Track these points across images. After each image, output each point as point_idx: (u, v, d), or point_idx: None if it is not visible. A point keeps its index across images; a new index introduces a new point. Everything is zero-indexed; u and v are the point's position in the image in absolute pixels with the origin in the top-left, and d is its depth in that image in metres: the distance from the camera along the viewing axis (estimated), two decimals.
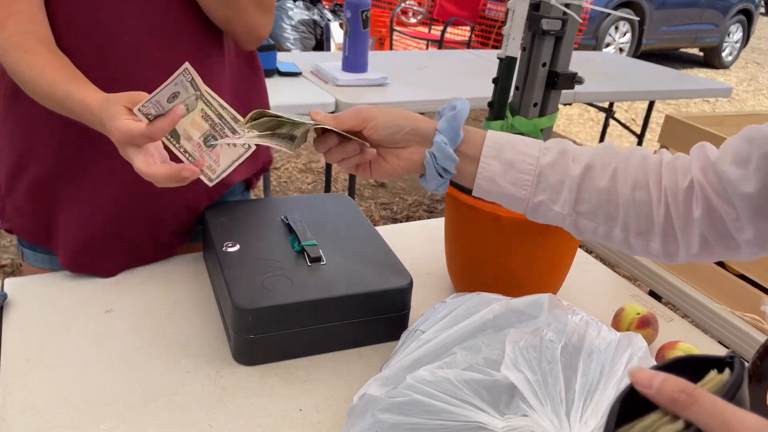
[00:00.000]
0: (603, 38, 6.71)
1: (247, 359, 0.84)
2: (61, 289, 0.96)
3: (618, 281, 1.16)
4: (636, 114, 5.64)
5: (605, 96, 2.84)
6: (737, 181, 0.60)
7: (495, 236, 0.92)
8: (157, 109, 0.70)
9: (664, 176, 0.66)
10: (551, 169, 0.69)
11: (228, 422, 0.74)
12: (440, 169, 0.71)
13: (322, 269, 0.89)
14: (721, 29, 7.84)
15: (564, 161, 0.69)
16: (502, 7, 5.42)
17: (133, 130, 0.69)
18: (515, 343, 0.65)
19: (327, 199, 1.11)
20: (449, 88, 2.49)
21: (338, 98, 2.16)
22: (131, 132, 0.69)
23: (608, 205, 0.68)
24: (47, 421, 0.72)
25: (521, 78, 1.08)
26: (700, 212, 0.63)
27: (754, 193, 0.59)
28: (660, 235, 0.67)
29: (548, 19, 1.00)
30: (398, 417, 0.63)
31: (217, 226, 0.98)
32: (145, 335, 0.88)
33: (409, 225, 1.30)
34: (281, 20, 5.63)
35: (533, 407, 0.61)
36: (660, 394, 0.35)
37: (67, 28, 0.85)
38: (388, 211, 3.39)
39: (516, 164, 0.70)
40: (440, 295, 1.04)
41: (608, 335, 0.69)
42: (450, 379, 0.63)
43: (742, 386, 0.36)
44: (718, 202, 0.62)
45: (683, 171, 0.66)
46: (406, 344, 0.76)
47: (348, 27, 2.32)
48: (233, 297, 0.81)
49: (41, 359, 0.82)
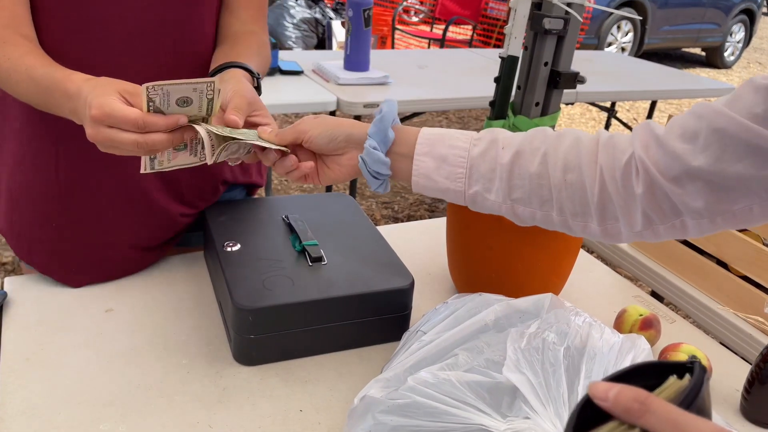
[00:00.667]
0: (605, 37, 6.70)
1: (247, 359, 0.83)
2: (61, 289, 0.96)
3: (620, 282, 1.15)
4: (638, 114, 5.63)
5: (607, 95, 2.83)
6: (685, 155, 0.59)
7: (497, 237, 0.92)
8: (162, 101, 0.67)
9: (601, 154, 0.65)
10: (481, 159, 0.70)
11: (228, 423, 0.74)
12: (373, 172, 0.73)
13: (323, 269, 0.89)
14: (723, 29, 7.83)
15: (493, 150, 0.69)
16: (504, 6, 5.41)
17: (128, 114, 0.66)
18: (517, 345, 0.65)
19: (328, 199, 1.10)
20: (451, 87, 2.49)
21: (340, 97, 2.16)
22: (126, 115, 0.66)
23: (540, 189, 0.68)
24: (46, 421, 0.72)
25: (523, 77, 1.07)
26: (642, 190, 0.63)
27: (703, 167, 0.58)
28: (597, 215, 0.66)
29: (550, 18, 0.99)
30: (399, 419, 0.63)
31: (218, 225, 0.98)
32: (145, 335, 0.87)
33: (411, 225, 1.29)
34: (283, 18, 5.63)
35: (535, 410, 0.60)
36: (615, 404, 0.36)
37: (51, 25, 0.84)
38: (389, 210, 3.39)
39: (448, 158, 0.71)
40: (442, 295, 1.04)
41: (611, 337, 0.69)
42: (451, 381, 0.63)
43: (701, 392, 0.36)
44: (660, 180, 0.61)
45: (621, 149, 0.65)
46: (408, 345, 0.76)
47: (350, 25, 2.31)
48: (234, 297, 0.81)
49: (40, 359, 0.81)
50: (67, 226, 0.94)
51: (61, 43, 0.84)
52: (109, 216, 0.96)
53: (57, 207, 0.93)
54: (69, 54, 0.83)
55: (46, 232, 0.94)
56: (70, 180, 0.92)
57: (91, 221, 0.95)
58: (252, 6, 0.98)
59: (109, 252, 0.98)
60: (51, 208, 0.93)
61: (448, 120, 4.86)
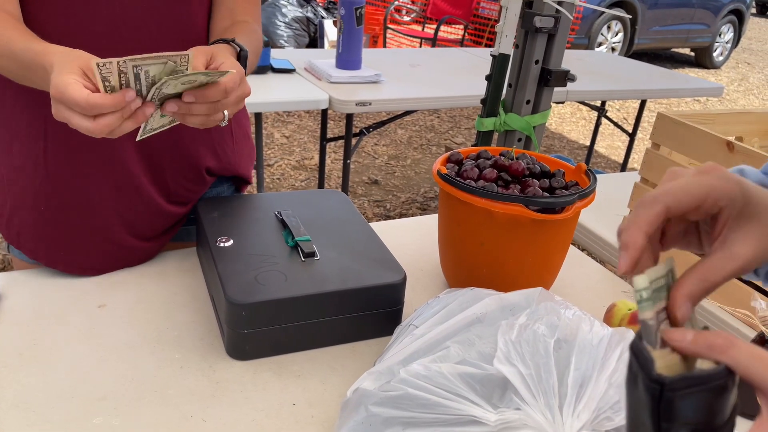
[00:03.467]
0: (595, 37, 6.74)
1: (240, 354, 0.84)
2: (54, 284, 0.96)
3: (609, 277, 1.16)
4: (628, 113, 5.66)
5: (597, 94, 2.85)
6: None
7: (488, 232, 0.93)
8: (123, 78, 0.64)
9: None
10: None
11: (221, 417, 0.74)
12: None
13: (315, 264, 0.89)
14: (712, 29, 7.89)
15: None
16: (495, 5, 5.43)
17: (74, 96, 0.63)
18: (508, 337, 0.66)
19: (321, 195, 1.11)
20: (442, 85, 2.50)
21: (332, 95, 2.16)
22: (72, 97, 0.64)
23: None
24: (39, 415, 0.72)
25: (514, 75, 1.08)
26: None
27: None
28: None
29: (541, 16, 1.00)
30: (391, 411, 0.63)
31: (211, 220, 0.98)
32: (138, 330, 0.88)
33: (403, 221, 1.30)
34: (275, 17, 5.62)
35: (526, 401, 0.61)
36: (695, 343, 0.37)
37: (38, 14, 0.84)
38: (381, 209, 3.40)
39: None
40: (434, 290, 1.04)
41: (600, 330, 0.70)
42: (443, 373, 0.63)
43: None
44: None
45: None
46: (400, 339, 0.76)
47: (342, 24, 2.32)
48: (227, 292, 0.81)
49: (33, 354, 0.81)
50: (55, 209, 0.95)
51: (44, 26, 0.83)
52: (96, 200, 0.96)
53: (45, 190, 0.93)
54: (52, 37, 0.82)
55: (34, 215, 0.95)
56: (58, 162, 0.92)
57: (78, 205, 0.95)
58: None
59: (98, 238, 0.98)
60: (39, 191, 0.94)
61: (440, 119, 4.87)
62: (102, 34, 0.86)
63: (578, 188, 0.96)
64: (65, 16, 0.84)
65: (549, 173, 1.00)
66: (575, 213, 0.91)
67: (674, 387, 0.37)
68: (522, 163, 0.98)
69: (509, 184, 0.96)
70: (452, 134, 4.62)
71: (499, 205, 0.88)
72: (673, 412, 0.38)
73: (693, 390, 0.37)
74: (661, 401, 0.38)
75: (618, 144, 4.92)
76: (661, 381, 0.37)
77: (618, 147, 4.85)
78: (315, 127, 4.45)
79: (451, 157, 1.02)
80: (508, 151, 1.03)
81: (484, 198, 0.88)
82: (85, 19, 0.85)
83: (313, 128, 4.43)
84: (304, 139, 4.21)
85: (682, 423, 0.38)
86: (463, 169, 0.97)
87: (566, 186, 0.96)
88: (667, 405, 0.38)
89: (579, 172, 1.01)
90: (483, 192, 0.88)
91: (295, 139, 4.21)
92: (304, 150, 4.02)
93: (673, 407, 0.38)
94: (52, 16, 0.84)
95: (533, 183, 0.94)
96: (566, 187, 0.96)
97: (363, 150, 4.13)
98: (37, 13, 0.84)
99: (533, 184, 0.94)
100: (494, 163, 0.99)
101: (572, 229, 0.98)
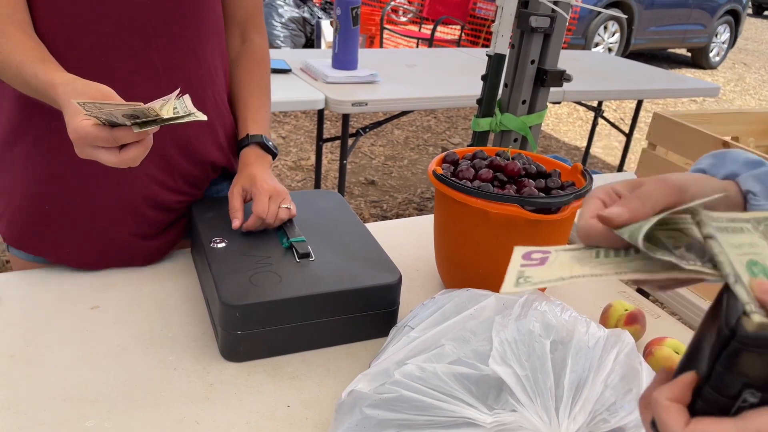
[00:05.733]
0: (592, 38, 6.74)
1: (234, 356, 0.83)
2: (47, 285, 0.95)
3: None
4: (624, 113, 5.67)
5: (594, 95, 2.85)
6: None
7: (484, 232, 0.92)
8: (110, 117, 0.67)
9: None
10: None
11: (215, 419, 0.74)
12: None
13: (310, 265, 0.89)
14: (708, 30, 7.90)
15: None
16: (492, 6, 5.43)
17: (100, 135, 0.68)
18: (503, 336, 0.65)
19: (316, 196, 1.10)
20: (439, 85, 2.49)
21: (328, 95, 2.16)
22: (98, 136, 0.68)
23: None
24: (31, 417, 0.71)
25: (510, 75, 1.08)
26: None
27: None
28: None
29: (537, 16, 1.00)
30: (386, 413, 0.63)
31: (205, 221, 0.97)
32: (131, 331, 0.87)
33: (399, 222, 1.30)
34: (271, 18, 5.61)
35: (522, 402, 0.61)
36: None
37: (46, 14, 0.84)
38: (377, 209, 3.39)
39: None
40: (429, 291, 1.04)
41: (596, 332, 0.70)
42: (438, 374, 0.63)
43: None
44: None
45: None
46: (395, 340, 0.76)
47: (338, 24, 2.31)
48: (221, 293, 0.81)
49: (25, 356, 0.81)
50: (58, 206, 0.95)
51: (53, 37, 0.85)
52: (99, 197, 0.96)
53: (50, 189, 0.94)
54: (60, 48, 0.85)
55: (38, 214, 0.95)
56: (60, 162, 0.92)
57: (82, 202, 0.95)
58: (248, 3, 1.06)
59: (102, 235, 0.98)
60: (43, 191, 0.94)
61: (437, 119, 4.87)
62: (108, 33, 0.87)
63: (574, 188, 0.95)
64: (74, 15, 0.85)
65: (545, 173, 1.00)
66: (571, 213, 0.91)
67: (744, 341, 0.37)
68: (518, 164, 0.97)
69: (505, 185, 0.96)
70: (449, 134, 4.62)
71: (494, 205, 0.87)
72: (733, 363, 0.37)
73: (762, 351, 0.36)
74: (726, 348, 0.37)
75: (615, 144, 4.93)
76: (734, 330, 0.37)
77: (615, 147, 4.86)
78: (311, 127, 4.44)
79: (447, 158, 1.02)
80: (504, 151, 1.03)
81: (480, 198, 0.88)
82: (91, 18, 0.86)
83: (309, 129, 4.42)
84: (300, 140, 4.20)
85: (738, 374, 0.37)
86: (459, 169, 0.97)
87: (562, 186, 0.96)
88: (731, 354, 0.37)
89: (575, 173, 1.01)
90: (479, 192, 0.88)
91: (292, 139, 4.20)
92: (301, 150, 4.01)
93: (736, 359, 0.37)
94: (59, 16, 0.85)
95: (529, 183, 0.94)
96: (562, 188, 0.96)
97: (359, 150, 4.13)
98: (44, 13, 0.85)
99: (529, 185, 0.93)
100: (490, 163, 0.99)
101: (568, 230, 0.97)
